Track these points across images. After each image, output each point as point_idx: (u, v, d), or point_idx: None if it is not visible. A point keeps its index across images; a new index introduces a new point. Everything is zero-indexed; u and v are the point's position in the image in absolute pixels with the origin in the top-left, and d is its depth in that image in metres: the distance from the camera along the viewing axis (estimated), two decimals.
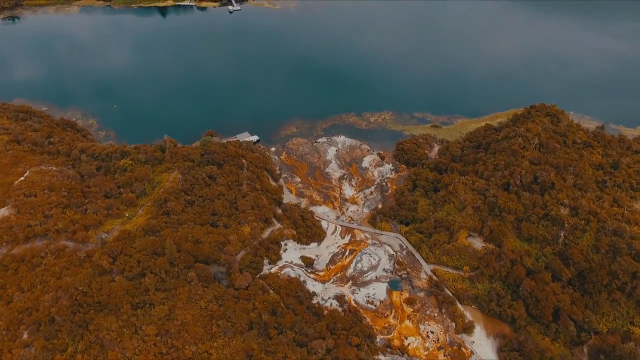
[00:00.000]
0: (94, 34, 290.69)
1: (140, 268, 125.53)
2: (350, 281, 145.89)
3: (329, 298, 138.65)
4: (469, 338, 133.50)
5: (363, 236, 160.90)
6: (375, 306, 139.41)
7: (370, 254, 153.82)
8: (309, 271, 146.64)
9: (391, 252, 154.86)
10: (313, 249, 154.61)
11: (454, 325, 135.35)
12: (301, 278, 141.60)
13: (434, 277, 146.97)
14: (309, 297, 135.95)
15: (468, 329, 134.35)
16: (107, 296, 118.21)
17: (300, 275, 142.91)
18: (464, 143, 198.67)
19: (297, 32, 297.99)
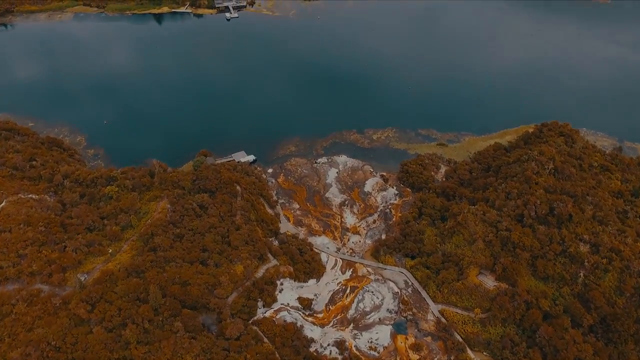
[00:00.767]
0: (86, 44, 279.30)
1: (121, 317, 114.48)
2: (351, 324, 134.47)
3: (328, 345, 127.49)
4: None
5: (365, 271, 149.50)
6: (378, 353, 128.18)
7: (373, 292, 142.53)
8: (307, 314, 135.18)
9: (396, 290, 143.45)
10: (311, 287, 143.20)
11: None
12: (298, 323, 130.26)
13: (442, 320, 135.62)
14: (307, 345, 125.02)
15: None
16: (83, 352, 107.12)
17: (297, 319, 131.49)
18: (472, 164, 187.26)
19: (296, 40, 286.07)
